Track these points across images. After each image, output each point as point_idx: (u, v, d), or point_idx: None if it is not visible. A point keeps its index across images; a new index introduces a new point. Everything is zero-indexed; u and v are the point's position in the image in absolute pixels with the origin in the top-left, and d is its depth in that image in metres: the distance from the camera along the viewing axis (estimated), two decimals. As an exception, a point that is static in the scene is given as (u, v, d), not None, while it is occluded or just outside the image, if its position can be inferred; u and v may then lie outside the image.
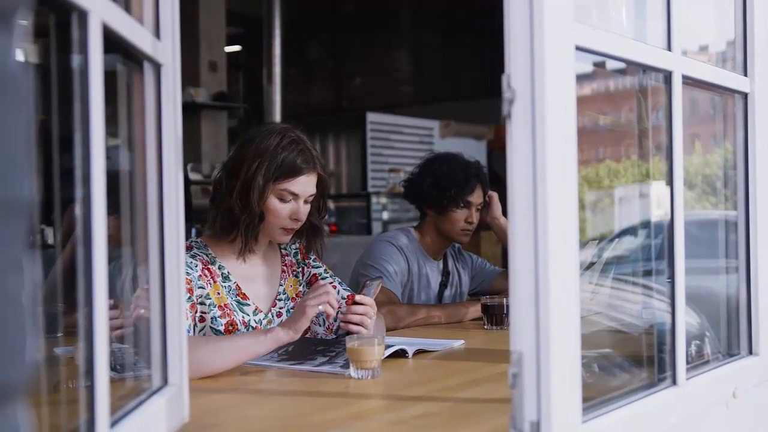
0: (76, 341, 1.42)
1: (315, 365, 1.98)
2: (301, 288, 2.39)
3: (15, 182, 0.53)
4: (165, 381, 1.37)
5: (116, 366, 1.33)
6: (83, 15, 1.00)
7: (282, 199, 2.20)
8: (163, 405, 1.30)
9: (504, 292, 3.01)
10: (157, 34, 1.35)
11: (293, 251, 2.43)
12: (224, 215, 2.20)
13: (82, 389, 1.02)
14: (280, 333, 1.97)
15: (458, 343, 2.35)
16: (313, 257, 2.44)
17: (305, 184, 2.22)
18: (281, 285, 2.35)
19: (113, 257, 1.08)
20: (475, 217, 3.02)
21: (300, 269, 2.42)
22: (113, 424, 1.09)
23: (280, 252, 2.40)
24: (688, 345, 1.64)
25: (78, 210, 1.00)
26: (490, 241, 6.91)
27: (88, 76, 1.01)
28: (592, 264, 2.24)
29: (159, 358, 1.36)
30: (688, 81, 1.58)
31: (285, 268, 2.38)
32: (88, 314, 1.01)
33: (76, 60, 1.01)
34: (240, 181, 2.17)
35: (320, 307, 1.98)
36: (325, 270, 2.45)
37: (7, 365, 0.53)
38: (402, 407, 1.65)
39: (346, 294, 2.39)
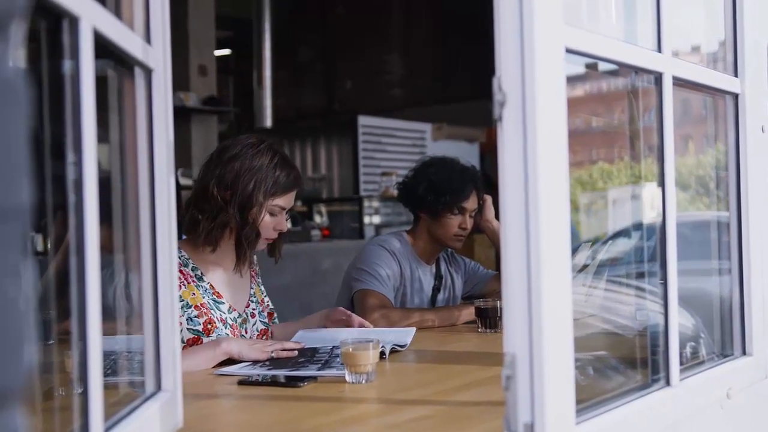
0: (68, 348, 1.42)
1: (313, 371, 1.96)
2: (264, 296, 2.50)
3: (13, 188, 0.53)
4: (158, 387, 1.37)
5: (107, 371, 1.32)
6: (74, 21, 1.00)
7: (272, 214, 2.30)
8: (156, 411, 1.30)
9: (497, 295, 3.01)
10: (147, 39, 1.34)
11: (255, 259, 2.53)
12: (219, 228, 2.26)
13: (73, 396, 1.01)
14: (224, 345, 2.09)
15: (410, 332, 2.40)
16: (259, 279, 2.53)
17: (293, 199, 2.35)
18: (252, 288, 2.45)
19: (105, 265, 1.08)
20: (469, 223, 3.01)
21: (260, 279, 2.52)
22: (107, 430, 1.09)
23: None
24: (683, 347, 1.64)
25: (71, 216, 1.00)
26: (483, 244, 6.91)
27: (80, 81, 1.00)
28: (585, 266, 2.24)
29: (152, 363, 1.36)
30: (679, 82, 1.58)
31: (253, 274, 2.49)
32: (80, 321, 1.01)
33: (66, 65, 1.01)
34: (237, 197, 2.24)
35: (273, 354, 2.13)
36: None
37: (5, 370, 0.53)
38: (397, 411, 1.65)
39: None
